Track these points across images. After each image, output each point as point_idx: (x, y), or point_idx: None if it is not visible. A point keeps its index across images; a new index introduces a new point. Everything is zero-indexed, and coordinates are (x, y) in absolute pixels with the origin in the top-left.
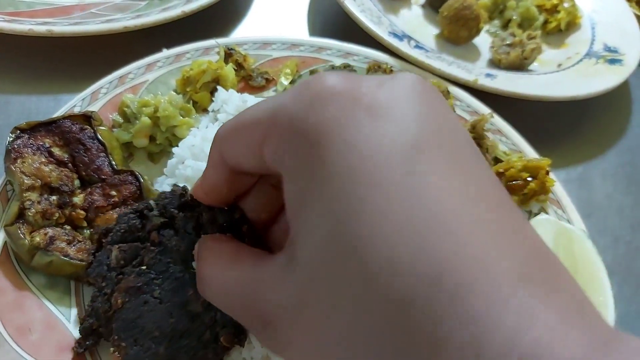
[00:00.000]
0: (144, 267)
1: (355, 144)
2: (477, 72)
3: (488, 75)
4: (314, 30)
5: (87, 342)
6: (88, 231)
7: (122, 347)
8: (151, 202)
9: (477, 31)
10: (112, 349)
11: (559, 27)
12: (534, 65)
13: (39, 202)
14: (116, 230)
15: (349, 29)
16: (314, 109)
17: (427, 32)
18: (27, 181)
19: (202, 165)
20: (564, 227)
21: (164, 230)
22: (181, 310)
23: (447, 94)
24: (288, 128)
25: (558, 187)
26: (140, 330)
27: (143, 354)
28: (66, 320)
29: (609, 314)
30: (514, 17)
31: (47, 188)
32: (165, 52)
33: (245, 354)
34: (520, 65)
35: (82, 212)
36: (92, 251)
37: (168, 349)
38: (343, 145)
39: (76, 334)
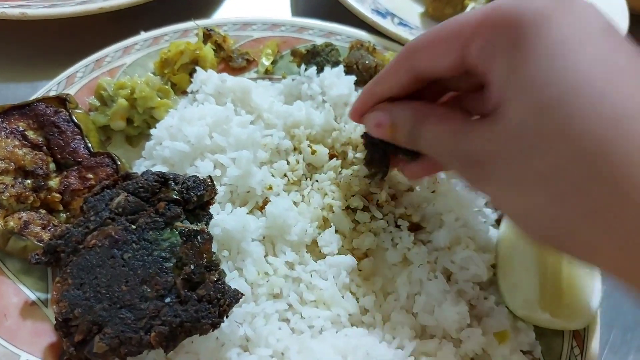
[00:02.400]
0: (133, 227)
1: (558, 32)
2: None
3: None
4: (297, 9)
5: (44, 259)
6: (64, 215)
7: (66, 283)
8: (181, 177)
9: (462, 8)
10: (57, 277)
11: None
12: None
13: (12, 186)
14: (136, 181)
15: (332, 8)
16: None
17: (411, 9)
18: (1, 165)
19: (180, 145)
20: None
21: (173, 206)
22: (136, 284)
23: None
24: (500, 22)
25: None
26: (92, 279)
27: (79, 300)
28: (43, 305)
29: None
30: None
31: (22, 171)
32: (143, 35)
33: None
34: None
35: (57, 195)
36: (105, 185)
37: (102, 311)
38: (548, 31)
39: (53, 319)
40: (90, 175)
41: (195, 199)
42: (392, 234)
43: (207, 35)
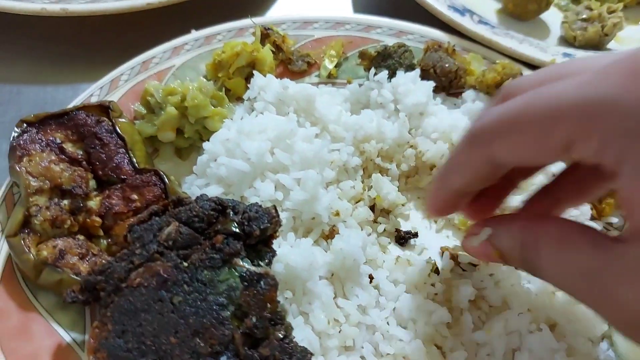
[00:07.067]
0: (185, 264)
1: None
2: (553, 51)
3: (566, 54)
4: (358, 5)
5: (81, 297)
6: (105, 241)
7: (105, 329)
8: (242, 205)
9: (547, 4)
10: (96, 322)
11: None
12: (611, 44)
13: (47, 208)
14: (189, 208)
15: (399, 4)
16: None
17: (487, 6)
18: (34, 183)
19: (238, 163)
20: None
21: (231, 240)
22: (187, 337)
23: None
24: (630, 122)
25: None
26: (136, 326)
27: (120, 352)
28: (79, 349)
29: None
30: None
31: (58, 191)
32: (194, 34)
33: None
34: (598, 43)
35: (97, 219)
36: (154, 211)
37: None
38: None
39: None
40: (135, 196)
41: (257, 232)
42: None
43: (265, 34)
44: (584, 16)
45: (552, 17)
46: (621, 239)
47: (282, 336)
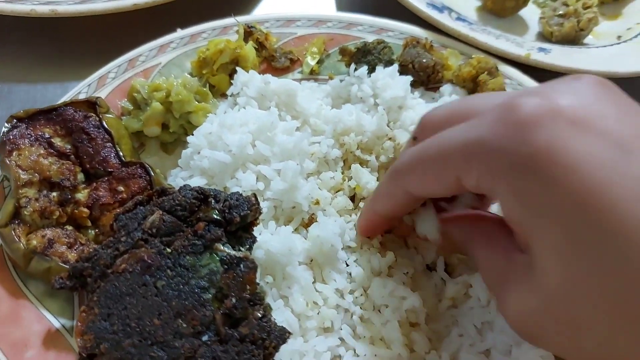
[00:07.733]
0: (168, 250)
1: (573, 165)
2: (529, 46)
3: (541, 49)
4: (341, 4)
5: (69, 283)
6: (92, 232)
7: (92, 312)
8: (223, 193)
9: (525, 1)
10: (83, 306)
11: None
12: (588, 39)
13: (36, 200)
14: (172, 197)
15: (380, 2)
16: (522, 139)
17: (467, 3)
18: (24, 176)
19: (220, 155)
20: None
21: (213, 227)
22: (170, 318)
23: (495, 72)
24: (495, 159)
25: None
26: (121, 309)
27: (106, 334)
28: (67, 334)
29: None
30: None
31: (47, 183)
32: (180, 32)
33: None
34: (574, 38)
35: (85, 210)
36: (139, 201)
37: (131, 348)
38: (564, 168)
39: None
40: (122, 188)
41: (238, 219)
42: None
43: (248, 32)
44: (561, 12)
45: (530, 14)
46: (523, 249)
47: (260, 315)
